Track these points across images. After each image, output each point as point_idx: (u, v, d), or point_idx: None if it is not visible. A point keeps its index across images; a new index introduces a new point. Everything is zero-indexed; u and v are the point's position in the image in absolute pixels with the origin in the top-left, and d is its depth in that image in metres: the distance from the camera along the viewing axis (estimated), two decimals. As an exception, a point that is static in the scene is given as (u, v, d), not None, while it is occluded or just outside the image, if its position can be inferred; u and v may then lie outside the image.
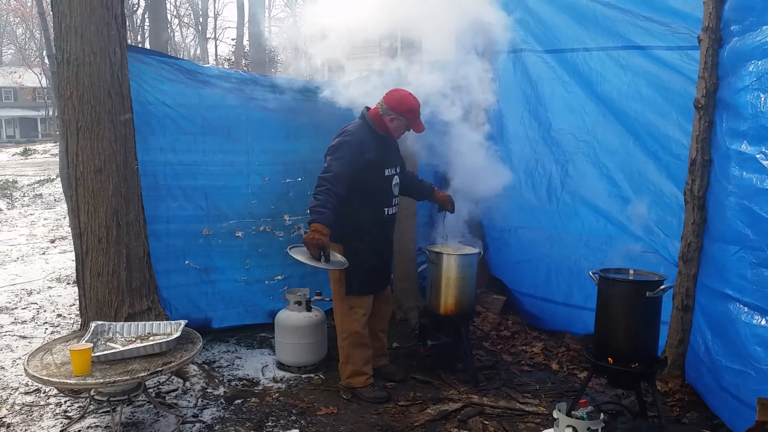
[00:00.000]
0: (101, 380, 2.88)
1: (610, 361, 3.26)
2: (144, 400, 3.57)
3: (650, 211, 4.21)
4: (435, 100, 4.16)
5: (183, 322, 3.43)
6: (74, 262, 3.98)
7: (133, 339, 3.36)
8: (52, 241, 8.77)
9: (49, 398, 3.67)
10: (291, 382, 4.04)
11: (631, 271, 3.42)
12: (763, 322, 3.04)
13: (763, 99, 3.12)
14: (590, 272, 3.47)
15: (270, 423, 3.46)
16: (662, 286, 3.20)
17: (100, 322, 3.42)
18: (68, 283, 6.27)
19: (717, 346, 3.39)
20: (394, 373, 4.10)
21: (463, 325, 4.15)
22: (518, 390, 3.97)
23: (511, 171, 5.01)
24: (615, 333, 3.30)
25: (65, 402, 3.63)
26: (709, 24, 3.52)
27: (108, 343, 3.30)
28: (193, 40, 31.23)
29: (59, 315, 5.29)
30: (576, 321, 4.64)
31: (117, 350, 3.13)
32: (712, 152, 3.59)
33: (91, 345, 3.04)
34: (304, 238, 3.38)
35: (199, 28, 28.76)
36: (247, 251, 4.71)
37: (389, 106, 3.68)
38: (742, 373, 3.12)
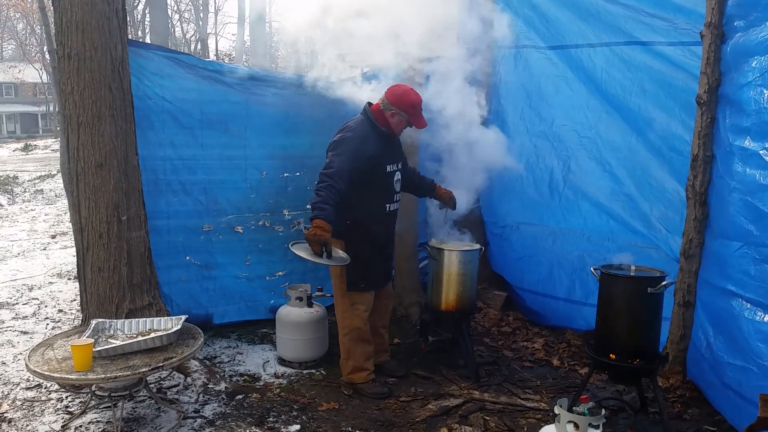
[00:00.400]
0: (102, 375, 2.89)
1: (611, 357, 3.27)
2: (145, 396, 3.57)
3: (652, 206, 4.21)
4: (434, 97, 4.15)
5: (183, 316, 3.44)
6: (75, 257, 3.98)
7: (134, 335, 3.36)
8: (53, 237, 8.78)
9: (50, 393, 3.68)
10: (292, 378, 4.04)
11: (633, 267, 3.41)
12: (765, 318, 3.03)
13: (766, 95, 3.11)
14: (592, 268, 3.47)
15: (271, 418, 3.46)
16: (664, 282, 3.20)
17: (100, 320, 3.43)
18: (69, 279, 6.27)
19: (719, 342, 3.39)
20: (395, 368, 4.11)
21: (464, 321, 4.15)
22: (519, 386, 3.97)
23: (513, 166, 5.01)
24: (616, 329, 3.30)
25: (66, 397, 3.63)
26: (711, 20, 3.51)
27: (109, 339, 3.30)
28: (193, 35, 31.15)
29: (60, 310, 5.29)
30: (577, 317, 4.64)
31: (118, 345, 3.13)
32: (714, 148, 3.58)
33: (92, 340, 3.04)
34: (306, 234, 3.37)
35: (200, 23, 28.69)
36: (248, 246, 4.71)
37: (390, 101, 3.67)
38: (744, 369, 3.12)
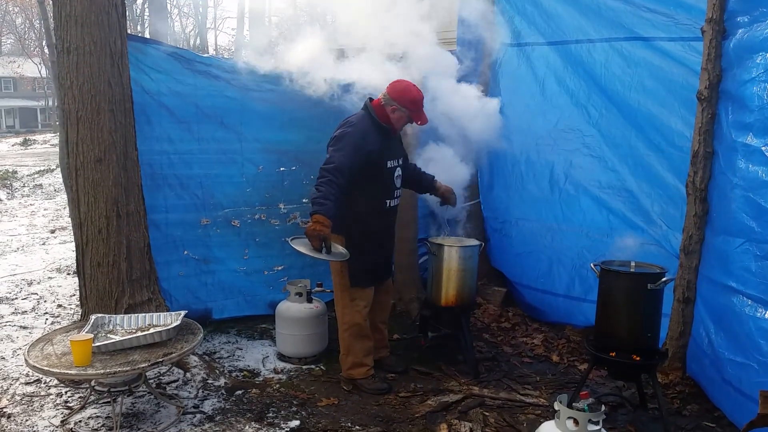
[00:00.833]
0: (102, 371, 2.89)
1: (611, 353, 3.26)
2: (145, 391, 3.57)
3: (653, 203, 4.20)
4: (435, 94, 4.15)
5: (183, 312, 3.43)
6: (74, 252, 3.97)
7: (134, 331, 3.35)
8: (53, 232, 8.76)
9: (49, 389, 3.67)
10: (292, 374, 4.04)
11: (633, 263, 3.40)
12: (766, 314, 3.03)
13: (770, 91, 3.10)
14: (591, 264, 3.47)
15: (271, 414, 3.46)
16: (663, 279, 3.19)
17: (100, 315, 3.42)
18: (68, 274, 6.26)
19: (720, 338, 3.39)
20: (394, 364, 4.11)
21: (464, 317, 4.14)
22: (519, 381, 3.97)
23: (513, 163, 5.01)
24: (616, 325, 3.30)
25: (66, 392, 3.63)
26: (712, 15, 3.49)
27: (108, 335, 3.29)
28: (192, 30, 31.08)
29: (59, 305, 5.28)
30: (577, 313, 4.64)
31: (117, 340, 3.13)
32: (716, 144, 3.57)
33: (92, 335, 3.04)
34: (306, 229, 3.36)
35: (199, 18, 28.64)
36: (245, 240, 4.69)
37: (391, 96, 3.65)
38: (744, 365, 3.12)
